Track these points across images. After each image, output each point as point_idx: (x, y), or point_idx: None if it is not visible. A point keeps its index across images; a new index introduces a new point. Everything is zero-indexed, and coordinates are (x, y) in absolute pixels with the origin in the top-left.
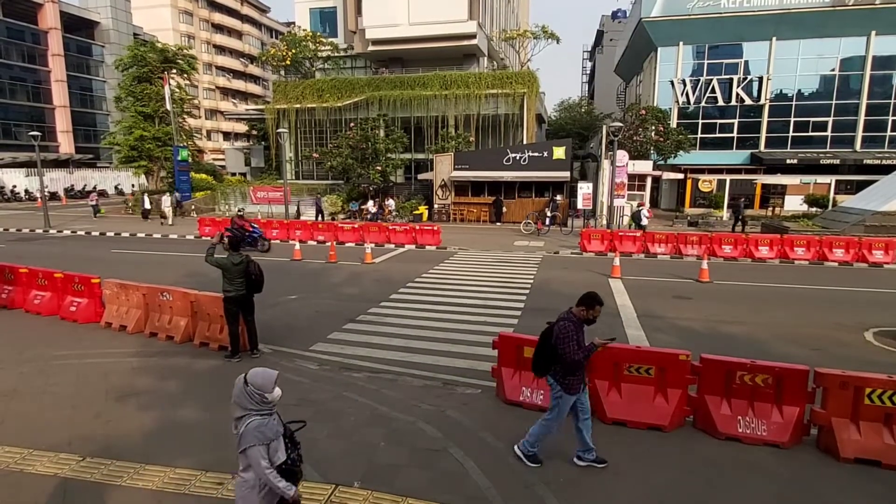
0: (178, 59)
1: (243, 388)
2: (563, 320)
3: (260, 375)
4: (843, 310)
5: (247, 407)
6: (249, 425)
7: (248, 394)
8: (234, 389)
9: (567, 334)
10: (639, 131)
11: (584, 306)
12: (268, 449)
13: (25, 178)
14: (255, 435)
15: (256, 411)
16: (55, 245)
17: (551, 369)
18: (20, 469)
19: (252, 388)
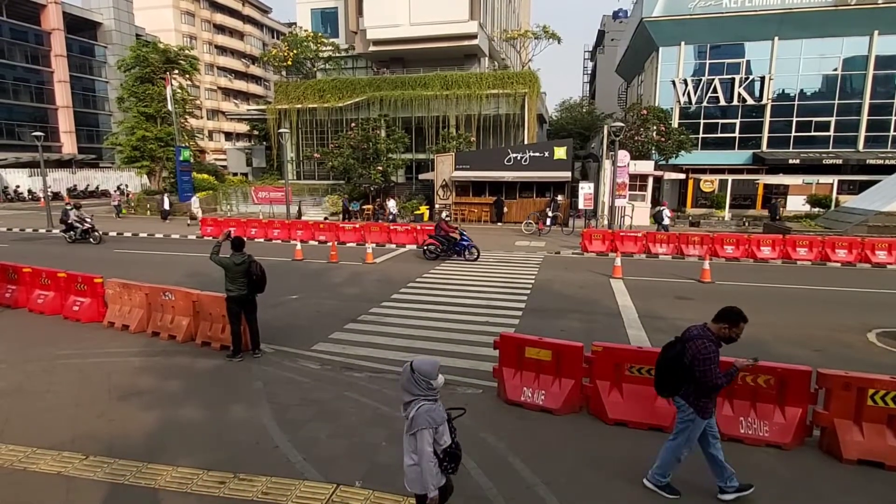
0: (179, 60)
1: (411, 375)
2: (700, 338)
3: (427, 363)
4: (846, 310)
5: (415, 393)
6: (420, 409)
7: (415, 380)
8: (401, 376)
9: (708, 355)
10: (640, 131)
11: (726, 323)
12: (435, 432)
13: (28, 178)
14: (425, 419)
15: (424, 396)
16: (58, 245)
17: (681, 390)
18: (24, 467)
19: (419, 374)
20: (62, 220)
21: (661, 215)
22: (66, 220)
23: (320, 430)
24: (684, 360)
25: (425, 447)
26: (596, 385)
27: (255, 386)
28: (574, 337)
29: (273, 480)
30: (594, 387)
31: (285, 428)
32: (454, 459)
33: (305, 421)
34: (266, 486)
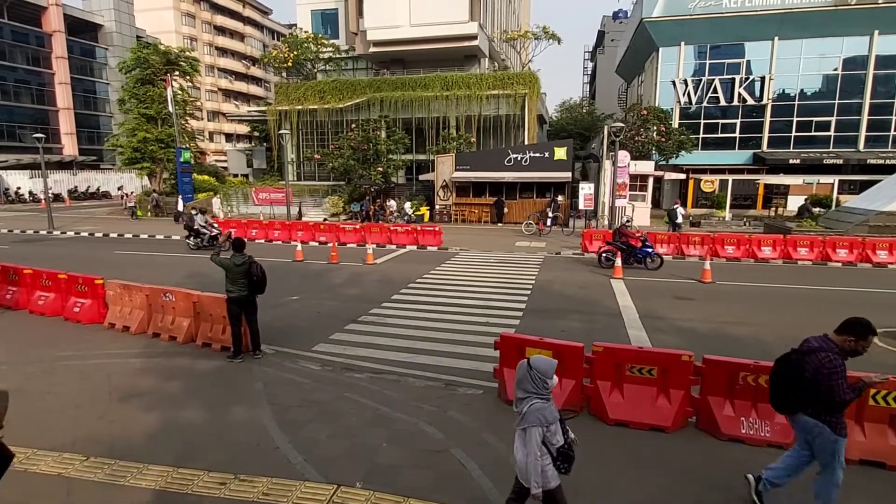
0: (180, 62)
1: (528, 372)
2: (823, 351)
3: (545, 362)
4: (847, 310)
5: (529, 390)
6: (532, 407)
7: (532, 378)
8: (517, 373)
9: (834, 369)
10: (640, 131)
11: (852, 336)
12: (546, 430)
13: (29, 179)
14: (536, 417)
15: (536, 394)
16: (59, 246)
17: (803, 407)
18: (24, 469)
19: (536, 372)
20: (187, 225)
21: (674, 213)
22: (192, 225)
23: (321, 430)
24: (804, 374)
25: (533, 445)
26: (597, 385)
27: (256, 387)
28: (575, 337)
29: (274, 481)
30: (595, 387)
31: (286, 429)
32: (567, 460)
33: (306, 422)
34: (267, 487)
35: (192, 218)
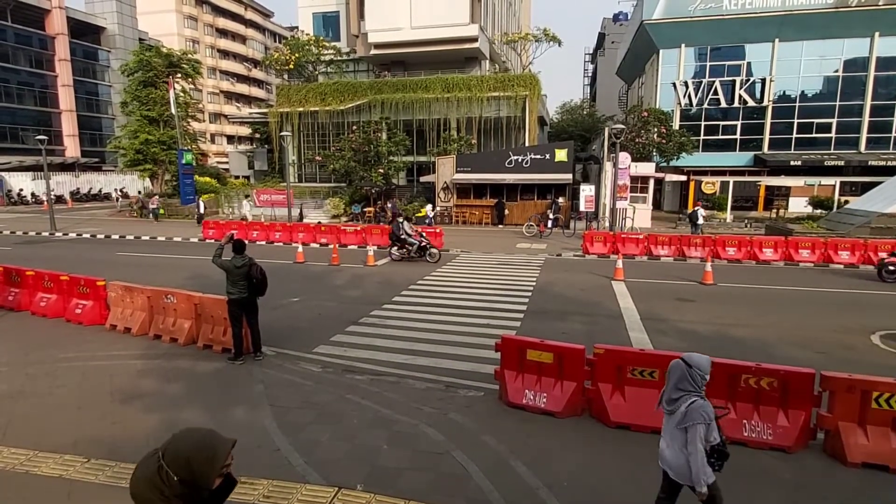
0: (182, 64)
1: (687, 371)
2: None
3: (703, 359)
4: (849, 312)
5: (686, 388)
6: (694, 405)
7: (692, 376)
8: (673, 372)
9: None
10: (641, 133)
11: None
12: (707, 428)
13: (32, 181)
14: (700, 414)
15: (695, 392)
16: (61, 248)
17: None
18: (26, 470)
19: (696, 370)
20: (393, 234)
21: (695, 215)
22: (398, 234)
23: (321, 432)
24: None
25: (698, 442)
26: (598, 388)
27: (257, 388)
28: (576, 339)
29: (274, 483)
30: (596, 389)
31: (286, 431)
32: (722, 457)
33: (306, 424)
34: (267, 489)
35: (399, 226)
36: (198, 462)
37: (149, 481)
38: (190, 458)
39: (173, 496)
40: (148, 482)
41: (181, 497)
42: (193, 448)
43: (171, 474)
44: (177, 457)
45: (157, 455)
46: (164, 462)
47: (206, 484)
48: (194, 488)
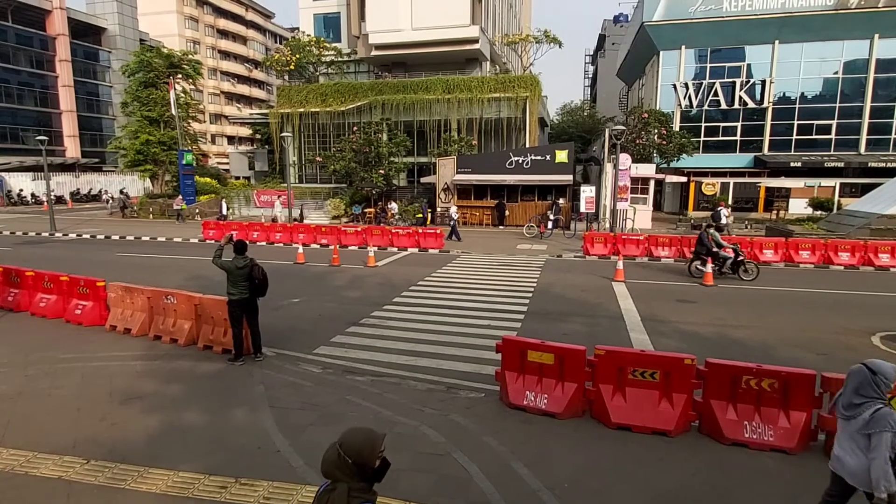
0: (183, 65)
1: (870, 378)
2: None
3: (887, 366)
4: (850, 314)
5: (869, 395)
6: (880, 412)
7: (876, 383)
8: (853, 378)
9: None
10: (641, 134)
11: None
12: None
13: (32, 181)
14: (888, 422)
15: (879, 399)
16: (61, 248)
17: None
18: (25, 472)
19: (882, 377)
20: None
21: (718, 215)
22: (708, 245)
23: (322, 434)
24: None
25: (883, 449)
26: (599, 389)
27: (257, 390)
28: (576, 340)
29: (274, 485)
30: (597, 390)
31: (287, 432)
32: None
33: (307, 425)
34: (267, 490)
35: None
36: (365, 450)
37: (333, 463)
38: (359, 447)
39: (350, 473)
40: (333, 464)
41: (355, 474)
42: (361, 441)
43: (347, 459)
44: (350, 447)
45: (335, 446)
46: (341, 451)
47: (370, 464)
48: (362, 467)
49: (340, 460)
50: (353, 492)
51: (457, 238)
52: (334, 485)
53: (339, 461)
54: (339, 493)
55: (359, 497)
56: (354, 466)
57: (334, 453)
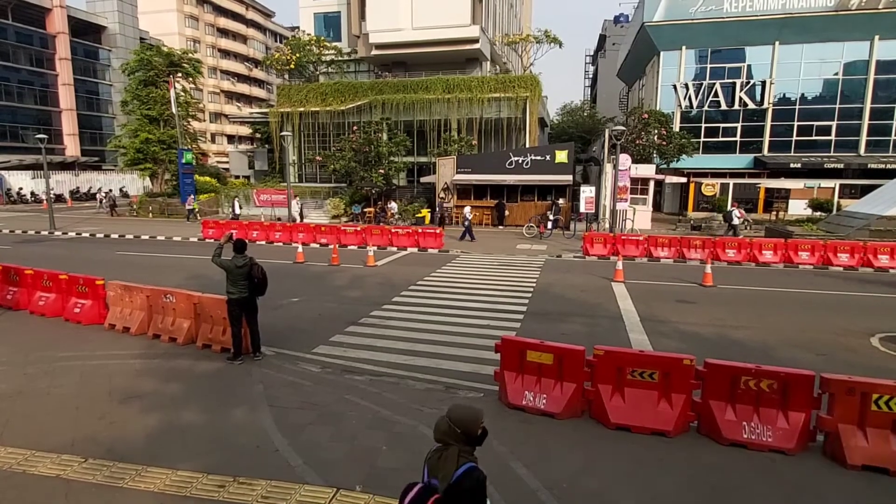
0: (183, 63)
1: None
2: None
3: None
4: (849, 315)
5: None
6: None
7: None
8: None
9: None
10: (641, 135)
11: None
12: None
13: (31, 180)
14: None
15: None
16: (60, 247)
17: None
18: (23, 470)
19: None
20: None
21: (731, 216)
22: None
23: (320, 433)
24: None
25: None
26: (598, 389)
27: (256, 389)
28: (576, 340)
29: (273, 484)
30: (596, 391)
31: (285, 431)
32: None
33: (305, 424)
34: (266, 489)
35: None
36: (470, 422)
37: (445, 432)
38: (465, 419)
39: (459, 439)
40: (445, 432)
41: (462, 439)
42: (467, 414)
43: (456, 428)
44: (458, 419)
45: (445, 419)
46: (451, 422)
47: (474, 432)
48: (468, 435)
49: (451, 429)
50: (461, 453)
51: (470, 238)
52: (445, 448)
53: (450, 430)
54: (450, 453)
55: (465, 457)
56: (462, 434)
57: (445, 424)
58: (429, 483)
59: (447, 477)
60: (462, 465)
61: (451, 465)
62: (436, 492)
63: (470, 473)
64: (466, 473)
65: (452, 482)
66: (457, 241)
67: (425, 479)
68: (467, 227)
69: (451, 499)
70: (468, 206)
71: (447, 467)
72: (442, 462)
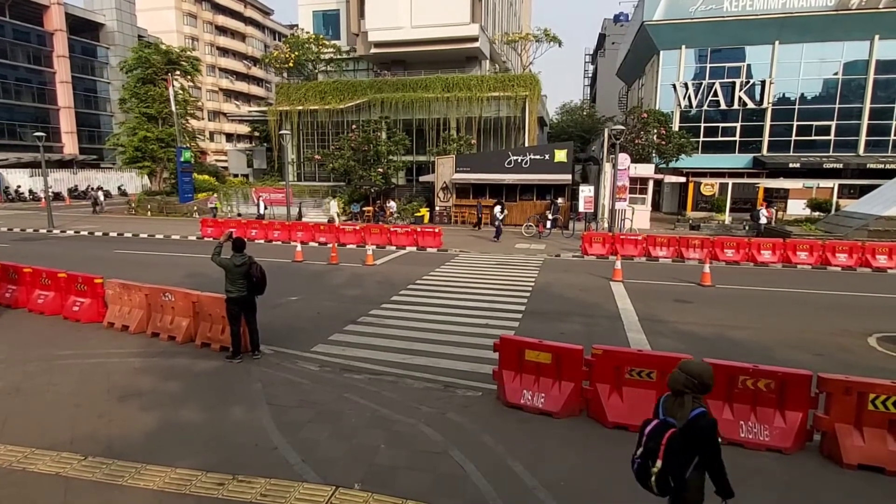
0: (181, 61)
1: None
2: None
3: None
4: (847, 315)
5: None
6: None
7: None
8: None
9: None
10: (641, 134)
11: None
12: None
13: (30, 178)
14: None
15: None
16: (58, 245)
17: None
18: (22, 468)
19: None
20: None
21: (757, 215)
22: None
23: (319, 431)
24: None
25: None
26: (596, 388)
27: (255, 387)
28: (574, 340)
29: (272, 482)
30: (594, 390)
31: (284, 429)
32: None
33: (304, 422)
34: (265, 487)
35: None
36: (704, 374)
37: (681, 382)
38: (700, 372)
39: (694, 388)
40: (681, 382)
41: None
42: (701, 368)
43: (693, 379)
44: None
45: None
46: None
47: (708, 383)
48: (702, 385)
49: (688, 380)
50: (694, 399)
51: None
52: (680, 395)
53: (688, 381)
54: (686, 399)
55: (697, 402)
56: (699, 384)
57: (683, 377)
58: (665, 420)
59: (684, 417)
60: (695, 408)
61: (688, 408)
62: (671, 427)
63: (704, 415)
64: (701, 415)
65: (689, 420)
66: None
67: (661, 417)
68: (497, 227)
69: (687, 433)
70: (498, 206)
71: (684, 410)
72: (678, 406)
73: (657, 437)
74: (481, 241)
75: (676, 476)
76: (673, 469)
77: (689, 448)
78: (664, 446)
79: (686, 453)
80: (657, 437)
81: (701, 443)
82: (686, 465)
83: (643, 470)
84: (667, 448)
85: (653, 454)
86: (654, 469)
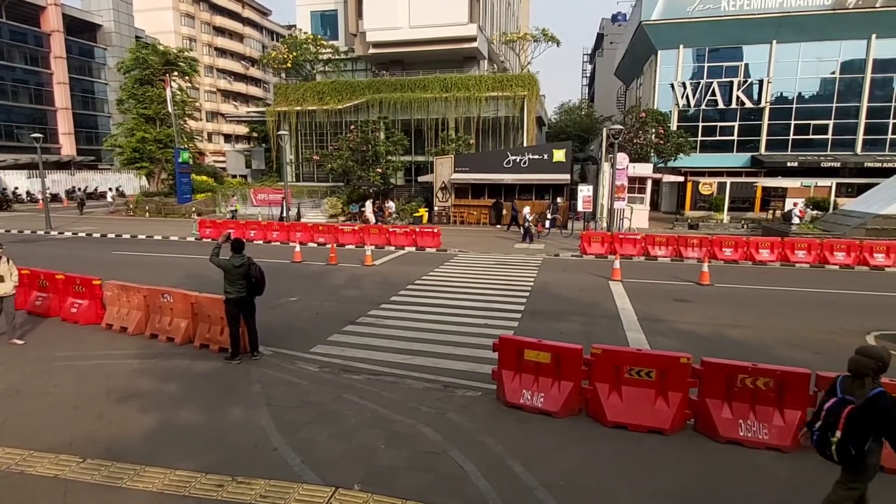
0: (179, 62)
1: None
2: None
3: None
4: (845, 313)
5: None
6: None
7: None
8: None
9: None
10: (639, 134)
11: None
12: None
13: (27, 179)
14: None
15: None
16: (56, 246)
17: None
18: (21, 470)
19: None
20: None
21: (790, 215)
22: None
23: (318, 432)
24: None
25: None
26: (595, 387)
27: (254, 388)
28: (573, 339)
29: (271, 483)
30: (593, 389)
31: (283, 430)
32: None
33: (304, 423)
34: (264, 488)
35: None
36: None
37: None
38: (880, 355)
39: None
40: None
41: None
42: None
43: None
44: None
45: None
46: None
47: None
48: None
49: (869, 361)
50: (874, 380)
51: (529, 240)
52: (861, 378)
53: (868, 361)
54: (867, 380)
55: (877, 384)
56: (878, 366)
57: (871, 361)
58: (843, 398)
59: (864, 395)
60: (875, 388)
61: (868, 387)
62: (849, 404)
63: (884, 394)
64: (881, 394)
65: (869, 398)
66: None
67: (839, 395)
68: (526, 229)
69: (867, 409)
70: (527, 207)
71: (864, 389)
72: (857, 386)
73: (836, 413)
74: (485, 240)
75: (857, 445)
76: (853, 439)
77: (869, 422)
78: (844, 420)
79: (865, 426)
80: (836, 413)
81: (882, 417)
82: (865, 435)
83: (823, 439)
84: (846, 422)
85: (832, 427)
86: (834, 439)
